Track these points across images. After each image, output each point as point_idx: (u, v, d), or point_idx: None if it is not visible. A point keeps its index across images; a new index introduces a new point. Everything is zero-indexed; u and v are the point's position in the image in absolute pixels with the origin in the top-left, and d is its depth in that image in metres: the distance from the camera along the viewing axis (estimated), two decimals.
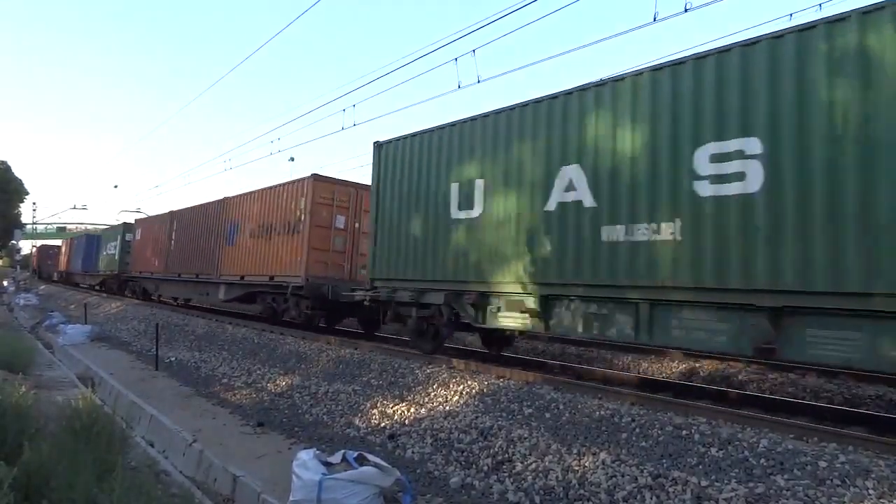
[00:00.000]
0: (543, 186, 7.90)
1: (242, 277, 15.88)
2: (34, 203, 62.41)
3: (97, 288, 32.48)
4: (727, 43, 6.36)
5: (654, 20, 8.75)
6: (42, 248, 57.52)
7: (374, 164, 11.03)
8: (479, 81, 11.21)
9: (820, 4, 9.52)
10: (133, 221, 27.66)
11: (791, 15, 9.55)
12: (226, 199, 17.78)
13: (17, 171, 57.63)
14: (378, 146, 11.03)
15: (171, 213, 22.09)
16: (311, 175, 13.66)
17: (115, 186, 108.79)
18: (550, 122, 7.93)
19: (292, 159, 66.52)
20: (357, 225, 14.07)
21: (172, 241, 21.41)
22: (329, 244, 13.65)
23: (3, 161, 46.43)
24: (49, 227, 65.66)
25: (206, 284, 18.46)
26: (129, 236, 26.95)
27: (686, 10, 8.56)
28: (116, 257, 27.91)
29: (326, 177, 14.07)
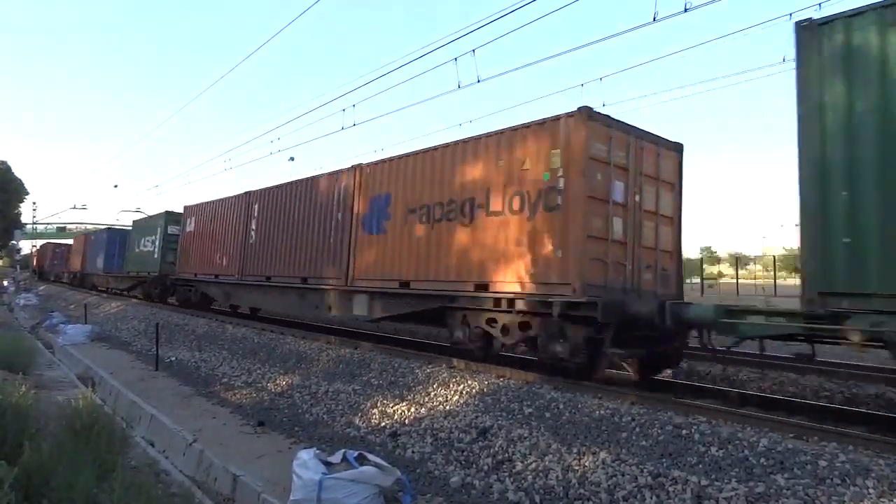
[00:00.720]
0: None
1: (406, 284, 10.28)
2: (34, 203, 62.40)
3: (128, 293, 26.81)
4: None
5: (654, 20, 8.76)
6: (44, 247, 56.40)
7: (801, 66, 5.91)
8: (479, 81, 11.20)
9: (819, 4, 9.50)
10: (182, 209, 21.19)
11: (790, 15, 9.53)
12: (360, 166, 11.99)
13: (17, 171, 57.66)
14: (820, 28, 5.83)
15: (248, 194, 16.48)
16: (580, 109, 7.82)
17: (115, 186, 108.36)
18: None
19: (292, 159, 66.22)
20: (638, 198, 8.33)
21: (253, 233, 15.94)
22: (607, 230, 7.89)
23: (3, 161, 46.43)
24: (49, 226, 65.75)
25: (323, 293, 12.74)
26: (173, 228, 21.53)
27: (686, 10, 8.57)
28: (156, 255, 22.09)
29: (601, 114, 8.08)
